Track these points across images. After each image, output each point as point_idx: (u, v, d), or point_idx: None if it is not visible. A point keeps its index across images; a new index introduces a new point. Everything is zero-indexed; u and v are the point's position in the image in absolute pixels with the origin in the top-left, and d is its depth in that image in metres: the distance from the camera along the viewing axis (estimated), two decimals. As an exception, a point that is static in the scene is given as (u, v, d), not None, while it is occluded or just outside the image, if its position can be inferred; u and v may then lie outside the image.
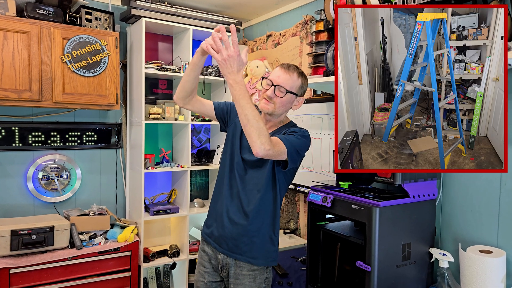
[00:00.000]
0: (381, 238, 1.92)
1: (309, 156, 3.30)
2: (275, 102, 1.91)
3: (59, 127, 3.41)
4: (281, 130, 1.99)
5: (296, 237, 3.39)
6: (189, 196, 3.58)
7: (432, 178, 2.14)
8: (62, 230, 2.93)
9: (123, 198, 3.75)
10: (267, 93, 1.91)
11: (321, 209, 2.23)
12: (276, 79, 1.91)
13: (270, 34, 3.88)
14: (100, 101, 3.20)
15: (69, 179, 3.45)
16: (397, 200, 1.99)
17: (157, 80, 3.82)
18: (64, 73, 3.04)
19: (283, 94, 1.89)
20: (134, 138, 3.55)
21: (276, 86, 1.89)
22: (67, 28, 3.05)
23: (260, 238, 1.96)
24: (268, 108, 1.93)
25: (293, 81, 1.91)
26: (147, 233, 3.70)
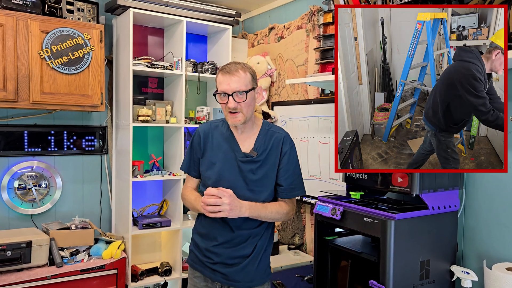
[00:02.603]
0: (397, 255, 1.93)
1: (316, 164, 3.31)
2: (242, 108, 2.00)
3: (37, 130, 3.43)
4: (263, 137, 2.11)
5: (302, 254, 3.40)
6: (182, 207, 3.60)
7: (453, 188, 2.15)
8: (40, 246, 2.94)
9: (108, 210, 3.76)
10: (229, 106, 1.99)
11: (330, 222, 2.24)
12: (227, 88, 1.98)
13: (273, 27, 3.90)
14: (83, 101, 3.22)
15: (48, 189, 3.47)
16: (414, 212, 2.01)
17: (147, 78, 3.85)
18: (42, 70, 3.07)
19: (244, 97, 1.98)
20: (121, 143, 3.57)
21: (233, 94, 1.97)
22: (46, 20, 3.07)
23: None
24: (240, 119, 2.02)
25: (243, 78, 2.00)
26: (136, 249, 3.71)
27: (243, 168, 2.06)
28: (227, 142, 2.11)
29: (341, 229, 2.35)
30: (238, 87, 1.97)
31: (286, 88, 3.71)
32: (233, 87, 1.97)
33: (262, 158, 2.06)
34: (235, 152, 2.08)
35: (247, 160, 2.06)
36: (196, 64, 3.68)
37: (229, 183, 2.04)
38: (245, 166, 2.06)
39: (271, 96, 3.90)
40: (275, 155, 2.08)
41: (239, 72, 1.99)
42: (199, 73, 3.68)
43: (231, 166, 2.08)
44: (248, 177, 2.05)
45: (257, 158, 2.05)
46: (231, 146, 2.10)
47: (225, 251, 2.07)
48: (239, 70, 1.99)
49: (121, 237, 3.45)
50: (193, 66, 3.66)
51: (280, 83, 3.80)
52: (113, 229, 3.74)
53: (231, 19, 3.80)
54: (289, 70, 3.68)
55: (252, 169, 2.05)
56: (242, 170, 2.06)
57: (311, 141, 3.37)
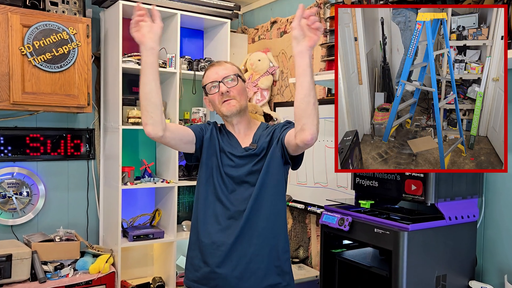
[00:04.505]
0: (410, 269, 1.94)
1: (322, 170, 3.32)
2: (235, 95, 2.09)
3: (18, 133, 3.44)
4: (263, 131, 2.15)
5: (307, 268, 3.40)
6: (176, 217, 3.61)
7: (472, 196, 2.16)
8: (21, 259, 2.94)
9: (96, 221, 3.77)
10: (221, 90, 2.08)
11: (337, 233, 2.25)
12: (216, 76, 2.11)
13: (275, 21, 3.92)
14: (68, 102, 3.23)
15: (30, 197, 3.48)
16: (429, 223, 2.01)
17: (138, 76, 3.80)
18: (24, 68, 3.08)
19: (235, 81, 2.10)
20: (110, 147, 3.58)
21: (223, 79, 2.09)
22: (27, 13, 3.08)
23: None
24: (234, 105, 2.09)
25: (230, 68, 2.14)
26: (125, 263, 3.71)
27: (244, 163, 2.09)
28: (228, 141, 2.15)
29: (350, 241, 2.36)
30: (227, 73, 2.10)
31: (290, 87, 3.72)
32: (222, 74, 2.09)
33: (262, 148, 2.08)
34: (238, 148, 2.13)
35: (247, 155, 2.08)
36: (191, 61, 3.69)
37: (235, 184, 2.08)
38: (245, 161, 2.09)
39: (273, 96, 3.91)
40: (272, 139, 2.09)
41: (226, 64, 2.15)
42: (195, 71, 3.69)
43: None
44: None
45: (257, 151, 2.07)
46: (232, 144, 2.14)
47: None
48: (225, 63, 2.16)
49: (110, 250, 3.46)
50: (188, 64, 3.68)
51: (283, 82, 3.81)
52: (101, 241, 3.75)
53: (230, 12, 3.81)
54: (293, 67, 3.68)
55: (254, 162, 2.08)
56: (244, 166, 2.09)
57: (317, 145, 3.37)
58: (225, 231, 2.03)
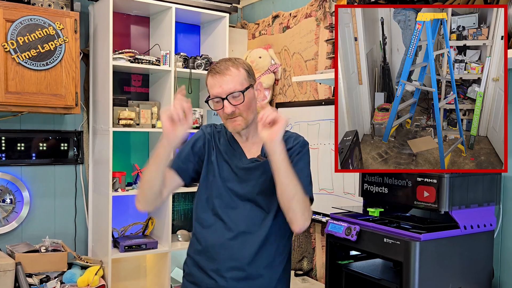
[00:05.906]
0: (423, 282, 1.93)
1: (328, 175, 3.31)
2: (241, 112, 1.96)
3: (1, 136, 3.44)
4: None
5: (311, 281, 3.39)
6: (170, 226, 3.60)
7: (488, 204, 2.15)
8: (4, 272, 2.94)
9: (84, 230, 3.76)
10: (226, 112, 1.96)
11: (344, 243, 2.24)
12: (220, 91, 1.95)
13: (277, 15, 3.92)
14: (55, 102, 3.23)
15: (14, 205, 3.47)
16: (443, 232, 2.01)
17: (129, 75, 3.86)
18: (7, 66, 3.08)
19: (241, 98, 1.95)
20: (99, 151, 3.58)
21: (227, 97, 1.94)
22: (11, 6, 3.08)
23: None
24: (240, 124, 1.98)
25: (237, 77, 1.96)
26: (116, 275, 3.71)
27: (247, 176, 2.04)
28: (231, 150, 2.09)
29: (357, 252, 2.35)
30: (233, 88, 1.94)
31: (293, 86, 3.71)
32: (227, 88, 1.94)
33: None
34: (242, 159, 2.07)
35: (254, 166, 2.02)
36: (187, 58, 3.69)
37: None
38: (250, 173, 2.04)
39: (275, 96, 3.91)
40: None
41: (230, 70, 1.96)
42: (191, 69, 3.69)
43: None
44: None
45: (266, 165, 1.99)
46: (235, 154, 2.08)
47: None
48: (230, 68, 1.96)
49: (99, 261, 3.45)
50: (183, 61, 3.67)
51: (285, 80, 3.81)
52: (89, 252, 3.74)
53: (228, 5, 3.81)
54: (296, 65, 3.69)
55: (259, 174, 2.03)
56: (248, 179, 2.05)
57: (322, 148, 3.37)
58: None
